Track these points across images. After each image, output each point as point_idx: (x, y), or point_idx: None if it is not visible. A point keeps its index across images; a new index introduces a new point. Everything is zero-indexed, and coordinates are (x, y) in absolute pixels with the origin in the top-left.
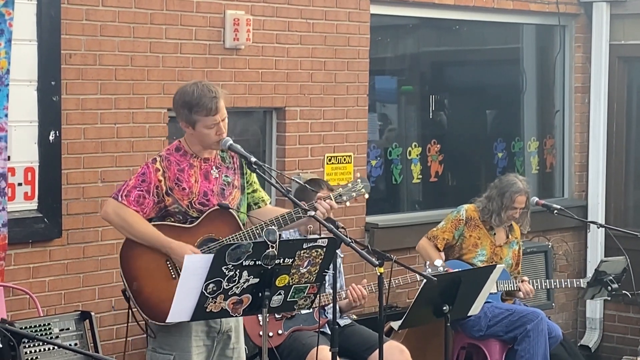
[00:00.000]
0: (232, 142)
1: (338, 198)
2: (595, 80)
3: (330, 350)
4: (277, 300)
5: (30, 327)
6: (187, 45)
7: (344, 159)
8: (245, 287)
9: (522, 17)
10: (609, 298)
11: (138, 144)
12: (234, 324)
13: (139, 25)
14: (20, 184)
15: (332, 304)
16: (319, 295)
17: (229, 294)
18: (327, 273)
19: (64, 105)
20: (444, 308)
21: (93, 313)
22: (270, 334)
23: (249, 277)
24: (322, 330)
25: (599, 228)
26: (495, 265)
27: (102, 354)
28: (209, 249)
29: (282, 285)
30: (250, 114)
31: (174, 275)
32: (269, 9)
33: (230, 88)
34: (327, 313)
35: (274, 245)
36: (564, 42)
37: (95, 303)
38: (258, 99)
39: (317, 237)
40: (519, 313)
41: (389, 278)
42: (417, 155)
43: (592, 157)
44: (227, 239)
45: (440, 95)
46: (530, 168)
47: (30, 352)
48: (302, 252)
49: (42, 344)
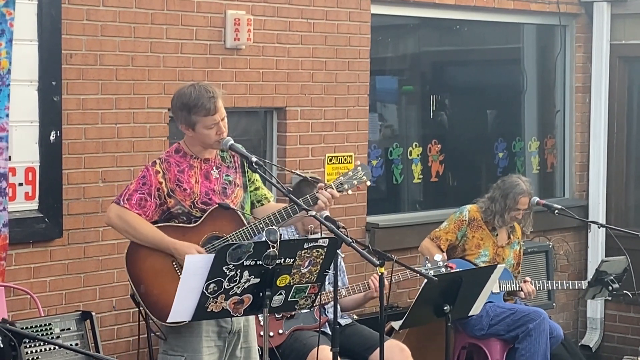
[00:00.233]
0: (232, 141)
1: (339, 187)
2: (596, 80)
3: (331, 350)
4: (278, 300)
5: (31, 327)
6: (187, 45)
7: (345, 159)
8: (246, 287)
9: (522, 17)
10: (610, 298)
11: (139, 144)
12: (244, 324)
13: (140, 25)
14: (21, 184)
15: (333, 303)
16: (320, 295)
17: (230, 294)
18: (327, 273)
19: (65, 105)
20: (445, 308)
21: (94, 313)
22: (271, 334)
23: (250, 277)
24: (322, 330)
25: (600, 228)
26: (497, 265)
27: (103, 354)
28: (214, 247)
29: (283, 285)
30: (251, 114)
31: (181, 275)
32: (270, 9)
33: (231, 88)
34: (327, 312)
35: (275, 245)
36: (565, 42)
37: (96, 303)
38: (259, 99)
39: (317, 237)
40: (521, 312)
41: (390, 277)
42: (417, 155)
43: (592, 157)
44: (231, 236)
45: (441, 95)
46: (531, 168)
47: (31, 352)
48: (303, 252)
49: (43, 344)
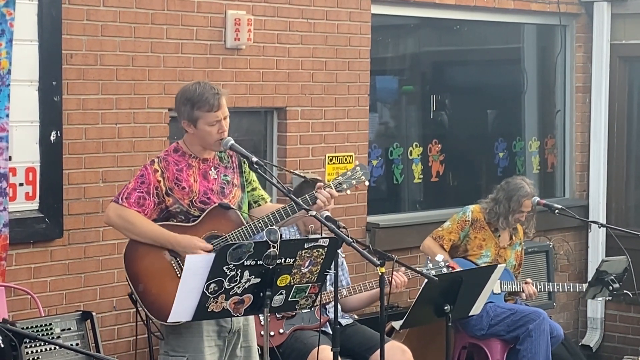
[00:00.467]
0: (233, 142)
1: (338, 186)
2: (596, 80)
3: (332, 350)
4: (278, 300)
5: (32, 327)
6: (188, 45)
7: (345, 159)
8: (247, 286)
9: (523, 16)
10: (610, 298)
11: (139, 144)
12: (244, 323)
13: (140, 25)
14: (22, 184)
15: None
16: (320, 294)
17: (231, 294)
18: (328, 273)
19: (65, 106)
20: (445, 308)
21: (94, 313)
22: (272, 334)
23: (251, 276)
24: (323, 330)
25: (600, 228)
26: (497, 265)
27: (103, 354)
28: (213, 245)
29: (283, 285)
30: (252, 114)
31: (179, 274)
32: (270, 9)
33: (231, 88)
34: (328, 312)
35: (275, 245)
36: (565, 41)
37: (97, 303)
38: (259, 99)
39: (318, 237)
40: (521, 313)
41: (391, 276)
42: (418, 155)
43: (593, 156)
44: (230, 235)
45: (441, 95)
46: (531, 168)
47: (32, 352)
48: (303, 251)
49: (43, 344)
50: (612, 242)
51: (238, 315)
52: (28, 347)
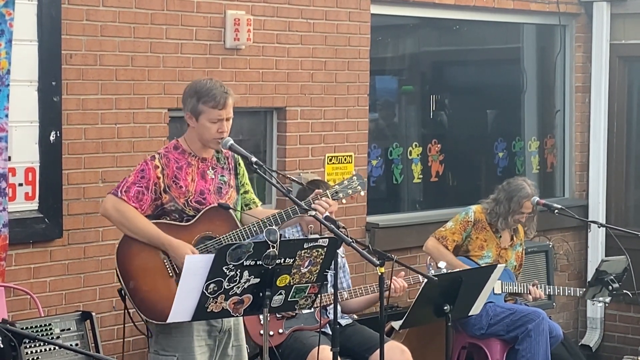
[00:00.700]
0: (232, 141)
1: (334, 195)
2: (596, 80)
3: (331, 350)
4: (278, 300)
5: (31, 327)
6: (187, 46)
7: (345, 159)
8: (246, 287)
9: (522, 16)
10: (610, 298)
11: (139, 144)
12: (234, 322)
13: (140, 26)
14: (21, 185)
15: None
16: (321, 296)
17: (230, 294)
18: (328, 273)
19: (65, 106)
20: (445, 308)
21: (94, 313)
22: (271, 333)
23: (250, 277)
24: (323, 330)
25: (600, 228)
26: (497, 265)
27: (103, 354)
28: (206, 247)
29: (283, 285)
30: (251, 114)
31: (171, 274)
32: (270, 9)
33: (231, 88)
34: (328, 314)
35: (275, 245)
36: (565, 41)
37: (96, 303)
38: (259, 99)
39: (317, 237)
40: (521, 312)
41: (390, 277)
42: (417, 155)
43: (592, 156)
44: (224, 237)
45: (441, 95)
46: (531, 168)
47: (31, 352)
48: (302, 251)
49: (43, 344)
50: (611, 242)
51: (238, 315)
52: (27, 347)
